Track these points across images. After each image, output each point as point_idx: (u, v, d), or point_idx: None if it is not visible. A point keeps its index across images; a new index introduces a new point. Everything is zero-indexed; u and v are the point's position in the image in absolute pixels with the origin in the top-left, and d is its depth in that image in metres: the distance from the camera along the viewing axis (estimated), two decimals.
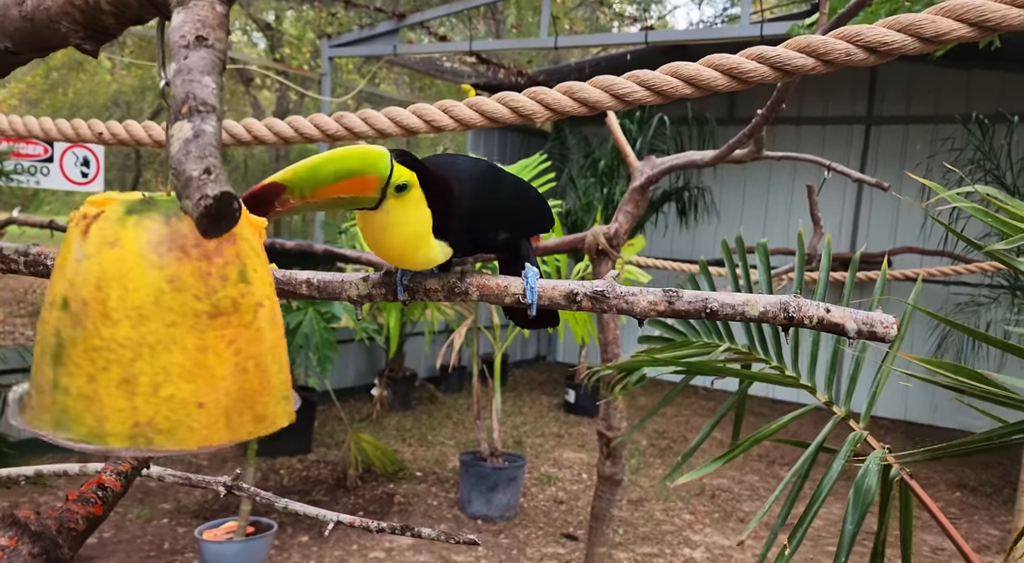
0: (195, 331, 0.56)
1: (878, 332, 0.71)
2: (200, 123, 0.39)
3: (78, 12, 0.47)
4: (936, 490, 5.66)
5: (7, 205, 12.55)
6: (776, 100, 2.74)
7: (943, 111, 7.37)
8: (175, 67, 0.41)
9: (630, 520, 4.74)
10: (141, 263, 0.55)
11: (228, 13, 0.44)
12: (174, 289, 0.55)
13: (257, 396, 0.60)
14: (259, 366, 0.60)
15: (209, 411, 0.57)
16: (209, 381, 0.57)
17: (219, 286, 0.57)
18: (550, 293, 0.86)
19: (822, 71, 1.09)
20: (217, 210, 0.38)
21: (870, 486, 1.48)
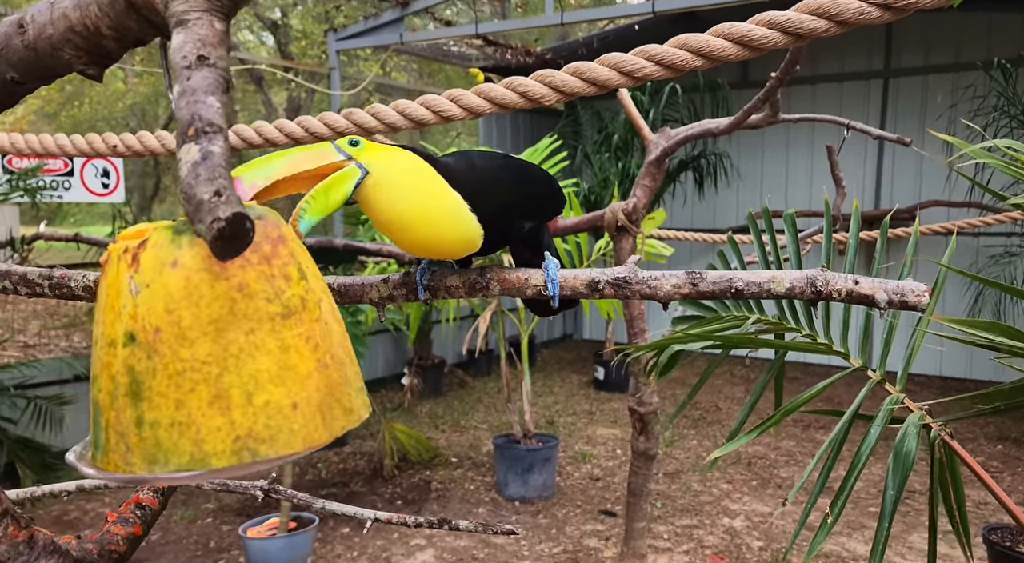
0: (274, 333, 0.56)
1: (910, 301, 0.70)
2: (207, 144, 0.39)
3: (79, 38, 0.47)
4: (977, 444, 5.60)
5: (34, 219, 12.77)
6: (790, 62, 2.69)
7: (964, 58, 7.19)
8: (178, 89, 0.41)
9: (667, 493, 4.74)
10: (207, 277, 0.54)
11: (227, 29, 0.43)
12: (245, 296, 0.55)
13: (341, 388, 0.60)
14: (335, 359, 0.60)
15: (303, 411, 0.57)
16: (298, 380, 0.57)
17: (285, 286, 0.57)
18: (572, 283, 0.85)
19: (835, 33, 1.06)
20: (231, 232, 0.38)
21: (910, 450, 1.46)
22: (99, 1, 0.46)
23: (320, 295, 0.60)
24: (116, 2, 0.46)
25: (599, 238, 4.57)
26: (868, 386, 1.62)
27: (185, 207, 0.39)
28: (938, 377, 7.49)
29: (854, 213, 1.70)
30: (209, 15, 0.42)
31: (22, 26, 0.48)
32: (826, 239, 1.65)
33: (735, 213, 8.46)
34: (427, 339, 7.17)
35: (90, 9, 0.47)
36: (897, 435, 1.50)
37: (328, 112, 1.50)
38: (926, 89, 7.51)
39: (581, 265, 4.51)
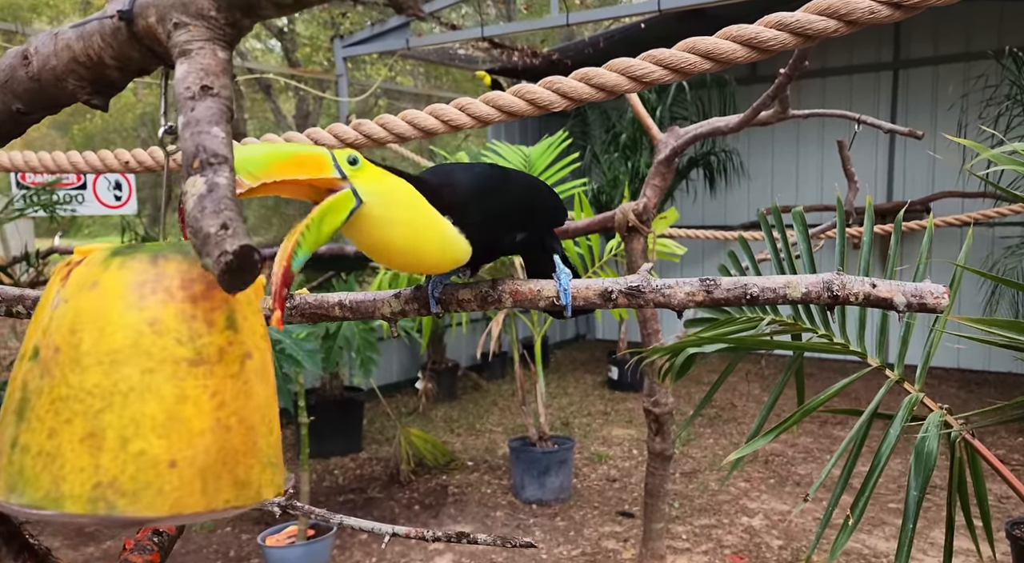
0: (174, 379, 0.51)
1: (929, 303, 0.69)
2: (213, 176, 0.39)
3: (83, 69, 0.47)
4: (997, 436, 5.54)
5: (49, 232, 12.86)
6: (798, 58, 2.67)
7: (974, 48, 7.12)
8: (182, 120, 0.40)
9: (685, 493, 4.72)
10: (120, 305, 0.50)
11: (231, 58, 0.43)
12: (154, 332, 0.50)
13: (240, 458, 0.54)
14: (244, 423, 0.54)
15: (182, 471, 0.51)
16: (185, 436, 0.51)
17: (204, 331, 0.52)
18: (584, 293, 0.84)
19: (844, 33, 1.05)
20: (238, 265, 0.37)
21: (931, 450, 1.44)
22: (102, 31, 0.46)
23: (250, 350, 0.55)
24: (119, 32, 0.46)
25: (610, 239, 4.55)
26: (886, 386, 1.60)
27: (192, 241, 0.39)
28: (956, 370, 7.42)
29: (868, 210, 1.68)
30: (212, 44, 0.42)
31: (26, 57, 0.48)
32: (840, 237, 1.63)
33: (746, 210, 8.42)
34: (440, 343, 7.17)
35: (93, 40, 0.47)
36: (918, 435, 1.49)
37: (337, 124, 1.49)
38: (936, 80, 7.44)
39: (593, 266, 4.50)
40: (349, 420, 5.65)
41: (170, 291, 0.51)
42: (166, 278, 0.51)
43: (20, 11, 11.58)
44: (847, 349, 1.66)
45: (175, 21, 0.42)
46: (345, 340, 4.08)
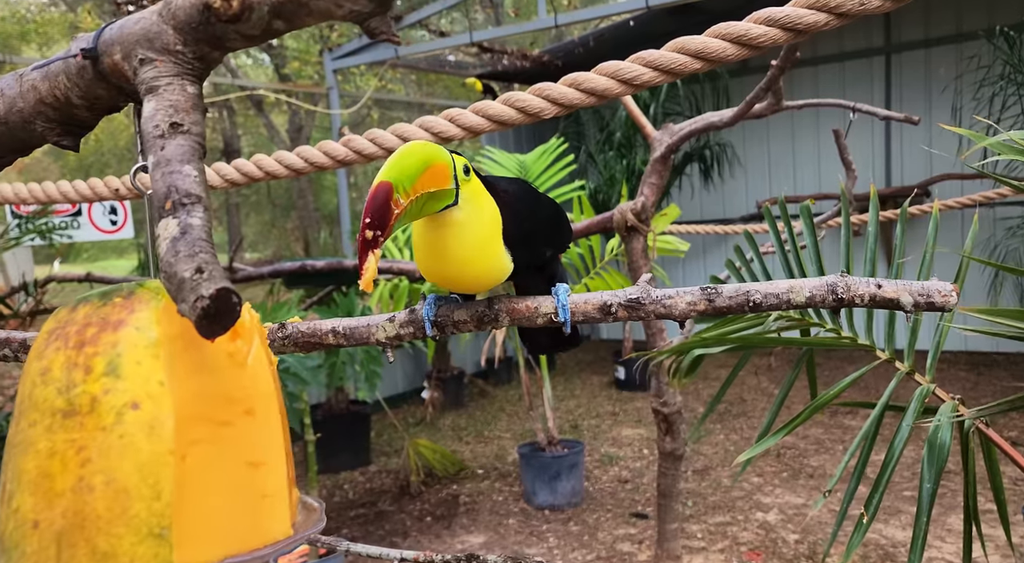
0: (48, 432, 0.47)
1: (937, 302, 0.67)
2: (186, 217, 0.37)
3: (51, 110, 0.45)
4: (1008, 418, 5.51)
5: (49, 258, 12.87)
6: (790, 49, 2.65)
7: (965, 28, 7.10)
8: (152, 160, 0.39)
9: (698, 491, 4.69)
10: (33, 354, 0.49)
11: (201, 92, 0.41)
12: (43, 382, 0.48)
13: (103, 524, 0.47)
14: (113, 485, 0.47)
15: (42, 534, 0.47)
16: (48, 495, 0.47)
17: (79, 379, 0.47)
18: (583, 308, 0.82)
19: (836, 26, 1.03)
20: (216, 309, 0.35)
21: (944, 441, 1.42)
22: (67, 71, 0.45)
23: (136, 400, 0.48)
24: (84, 71, 0.44)
25: (610, 238, 4.53)
26: (896, 378, 1.58)
27: (166, 286, 0.37)
28: (964, 353, 7.39)
29: (872, 199, 1.66)
30: (180, 79, 0.40)
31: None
32: (845, 229, 1.61)
33: (745, 202, 8.40)
34: (445, 351, 7.15)
35: (59, 80, 0.45)
36: (930, 427, 1.47)
37: (328, 141, 1.48)
38: (929, 62, 7.42)
39: (595, 268, 4.48)
40: (357, 434, 5.63)
41: (66, 337, 0.48)
42: (70, 324, 0.49)
43: (8, 39, 11.59)
44: (856, 343, 1.64)
45: (141, 57, 0.41)
46: (348, 355, 4.06)
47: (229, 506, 0.52)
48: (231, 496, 0.52)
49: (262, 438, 0.55)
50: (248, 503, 0.53)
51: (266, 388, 0.55)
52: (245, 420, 0.53)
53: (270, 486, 0.55)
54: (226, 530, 0.51)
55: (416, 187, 0.81)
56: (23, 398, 0.48)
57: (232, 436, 0.52)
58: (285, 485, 0.56)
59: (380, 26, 0.36)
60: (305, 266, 3.69)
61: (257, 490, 0.54)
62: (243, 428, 0.53)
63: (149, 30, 0.40)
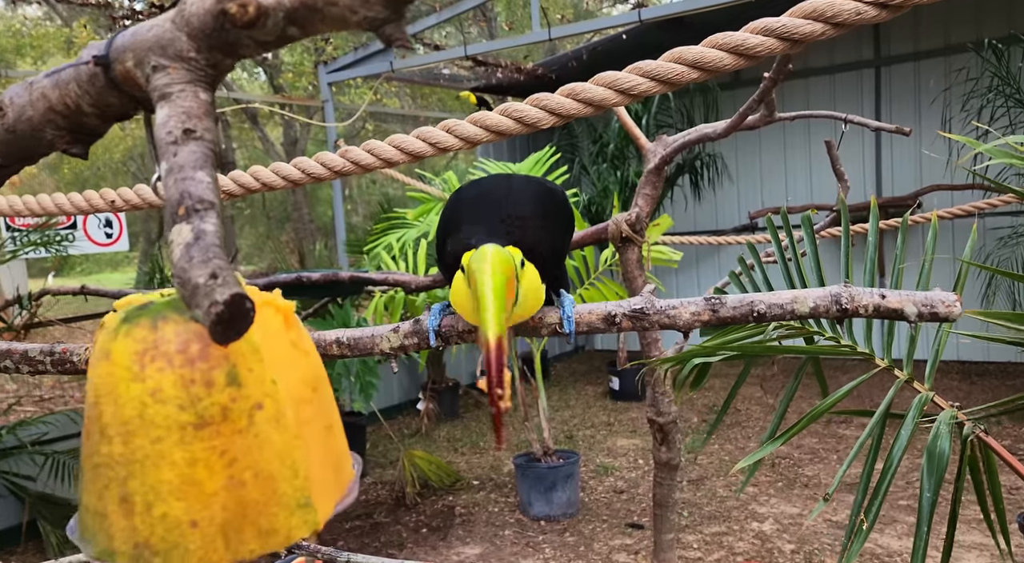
0: (182, 445, 0.52)
1: (940, 312, 0.67)
2: (200, 223, 0.37)
3: (61, 118, 0.46)
4: (1001, 427, 5.52)
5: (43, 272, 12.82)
6: (782, 61, 2.67)
7: (954, 41, 7.17)
8: (165, 166, 0.39)
9: (693, 501, 4.69)
10: (126, 376, 0.53)
11: (213, 99, 0.42)
12: (157, 402, 0.52)
13: (261, 508, 0.55)
14: (260, 475, 0.55)
15: (204, 530, 0.53)
16: (201, 497, 0.53)
17: (203, 394, 0.53)
18: (587, 319, 0.83)
19: (832, 35, 1.04)
20: (230, 315, 0.36)
21: (944, 450, 1.43)
22: (78, 79, 0.45)
23: (259, 401, 0.55)
24: (96, 79, 0.44)
25: (604, 249, 4.54)
26: (896, 386, 1.59)
27: (180, 292, 0.37)
28: (957, 362, 7.42)
29: (872, 210, 1.67)
30: (193, 86, 0.40)
31: (1, 109, 0.47)
32: (844, 241, 1.62)
33: (737, 213, 8.43)
34: (440, 362, 7.14)
35: (69, 87, 0.45)
36: (929, 435, 1.47)
37: (325, 152, 1.48)
38: (918, 75, 7.49)
39: (589, 278, 4.49)
40: (352, 445, 5.55)
41: (168, 357, 0.53)
42: (164, 343, 0.53)
43: (4, 53, 11.59)
44: (855, 351, 1.64)
45: (154, 64, 0.41)
46: (344, 366, 4.05)
47: (326, 465, 0.62)
48: (325, 457, 0.62)
49: (328, 406, 0.65)
50: (333, 459, 0.64)
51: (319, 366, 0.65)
52: (316, 395, 0.62)
53: (340, 443, 0.67)
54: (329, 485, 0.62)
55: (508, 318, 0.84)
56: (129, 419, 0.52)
57: (313, 410, 0.61)
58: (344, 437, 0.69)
59: (395, 32, 0.37)
60: (301, 278, 3.68)
61: (334, 448, 0.65)
62: (317, 401, 0.62)
63: (162, 37, 0.41)
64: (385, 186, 13.22)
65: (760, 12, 1.15)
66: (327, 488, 0.61)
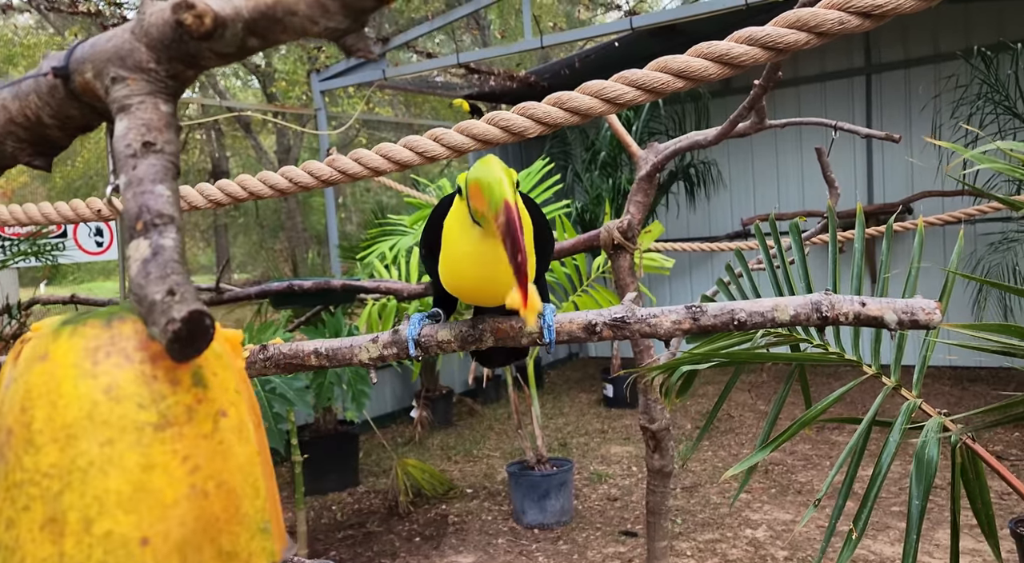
0: (138, 447, 0.46)
1: (920, 320, 0.67)
2: (158, 238, 0.36)
3: (22, 130, 0.45)
4: (994, 432, 5.53)
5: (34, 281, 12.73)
6: (771, 69, 2.68)
7: (943, 49, 7.22)
8: (124, 179, 0.38)
9: (687, 508, 4.67)
10: (73, 373, 0.47)
11: (175, 111, 0.41)
12: (111, 399, 0.46)
13: (223, 526, 0.49)
14: (223, 488, 0.49)
15: (156, 548, 0.46)
16: (156, 509, 0.47)
17: (167, 391, 0.48)
18: (568, 328, 0.82)
19: (816, 44, 1.04)
20: (188, 332, 0.35)
21: (932, 457, 1.42)
22: (38, 90, 0.44)
23: (224, 408, 0.51)
24: (56, 90, 0.43)
25: (596, 256, 4.54)
26: (883, 393, 1.59)
27: (138, 309, 0.36)
28: (949, 368, 7.43)
29: (858, 217, 1.67)
30: (153, 98, 0.39)
31: None
32: (832, 248, 1.62)
33: (730, 219, 8.45)
34: (433, 370, 7.12)
35: (29, 99, 0.44)
36: (917, 442, 1.47)
37: (312, 161, 1.48)
38: (908, 82, 7.53)
39: (581, 285, 4.49)
40: (345, 454, 5.58)
41: (126, 353, 0.47)
42: (121, 340, 0.47)
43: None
44: (842, 358, 1.64)
45: (112, 75, 0.40)
46: (335, 375, 4.03)
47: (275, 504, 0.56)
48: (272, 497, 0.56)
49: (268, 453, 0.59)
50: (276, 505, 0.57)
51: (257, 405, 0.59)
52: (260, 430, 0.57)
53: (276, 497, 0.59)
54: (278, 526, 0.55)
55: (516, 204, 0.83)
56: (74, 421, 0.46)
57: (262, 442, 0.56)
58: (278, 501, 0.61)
59: (356, 43, 0.36)
60: (292, 286, 3.67)
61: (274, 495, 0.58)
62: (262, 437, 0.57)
63: (121, 48, 0.40)
64: (379, 194, 13.22)
65: (752, 20, 1.15)
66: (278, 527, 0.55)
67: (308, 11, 0.34)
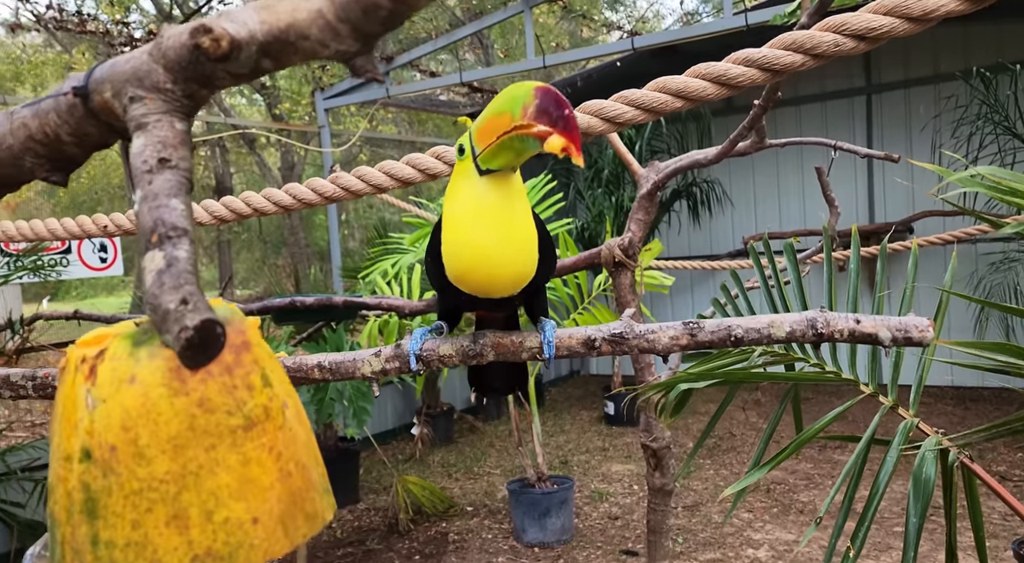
0: (235, 447, 0.55)
1: (914, 337, 0.68)
2: (172, 250, 0.38)
3: (40, 146, 0.47)
4: (997, 453, 5.51)
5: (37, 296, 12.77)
6: (771, 89, 2.71)
7: (943, 70, 7.27)
8: (140, 194, 0.40)
9: (688, 527, 4.65)
10: (166, 394, 0.54)
11: (189, 129, 0.43)
12: (206, 411, 0.54)
13: (305, 494, 0.59)
14: (300, 465, 0.59)
15: (265, 524, 0.56)
16: (259, 493, 0.56)
17: (247, 397, 0.56)
18: (567, 343, 0.83)
19: (812, 66, 1.07)
20: (200, 340, 0.36)
21: (929, 476, 1.43)
22: (57, 109, 0.46)
23: (284, 399, 0.59)
24: (75, 109, 0.45)
25: (598, 274, 4.56)
26: (880, 413, 1.59)
27: (152, 317, 0.38)
28: (951, 388, 7.41)
29: (853, 237, 1.69)
30: (169, 116, 0.41)
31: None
32: (827, 266, 1.64)
33: (731, 238, 8.47)
34: (434, 387, 7.11)
35: (49, 117, 0.46)
36: (915, 461, 1.47)
37: (315, 178, 1.50)
38: (908, 102, 7.58)
39: (583, 303, 4.50)
40: (345, 471, 5.56)
41: (206, 369, 0.54)
42: None
43: (3, 80, 11.67)
44: (839, 377, 1.65)
45: (131, 95, 0.42)
46: (336, 391, 4.04)
47: None
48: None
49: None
50: None
51: None
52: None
53: None
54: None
55: None
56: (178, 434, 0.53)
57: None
58: None
59: (365, 65, 0.38)
60: (295, 302, 3.68)
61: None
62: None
63: (139, 69, 0.42)
64: (382, 210, 13.28)
65: (753, 41, 1.17)
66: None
67: (320, 35, 0.36)
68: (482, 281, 0.90)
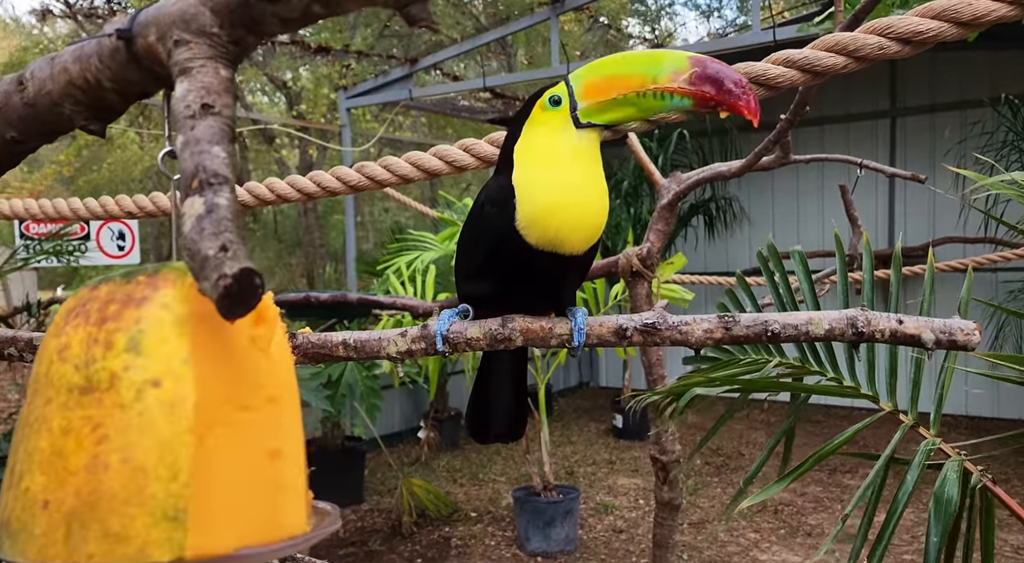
0: (64, 409, 0.46)
1: (959, 340, 0.66)
2: (213, 197, 0.36)
3: (80, 93, 0.46)
4: (1010, 486, 5.41)
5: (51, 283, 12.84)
6: (799, 103, 2.69)
7: (970, 96, 7.21)
8: (182, 139, 0.38)
9: (694, 544, 4.60)
10: (53, 331, 0.49)
11: (234, 77, 0.41)
12: (61, 359, 0.47)
13: (116, 505, 0.45)
14: (128, 464, 0.45)
15: (51, 515, 0.45)
16: (60, 474, 0.45)
17: (99, 355, 0.46)
18: (598, 331, 0.81)
19: (854, 68, 1.05)
20: (239, 288, 0.35)
21: (951, 496, 1.39)
22: (100, 53, 0.45)
23: (157, 378, 0.47)
24: (117, 53, 0.44)
25: (614, 284, 4.53)
26: (901, 430, 1.56)
27: (189, 264, 0.36)
28: (965, 417, 7.32)
29: (865, 247, 1.66)
30: (214, 62, 0.40)
31: (22, 83, 0.47)
32: (841, 280, 1.61)
33: (748, 255, 8.43)
34: (443, 392, 7.09)
35: (91, 62, 0.45)
36: (937, 481, 1.44)
37: (340, 166, 1.49)
38: (934, 127, 7.52)
39: (599, 312, 4.47)
40: (350, 471, 5.55)
41: (87, 314, 0.47)
42: (92, 301, 0.48)
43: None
44: (858, 392, 1.62)
45: (176, 38, 0.41)
46: (348, 388, 4.02)
47: (246, 494, 0.50)
48: (249, 484, 0.50)
49: (283, 428, 0.53)
50: (266, 493, 0.51)
51: (288, 378, 0.54)
52: (267, 407, 0.51)
53: (288, 478, 0.53)
54: (242, 519, 0.49)
55: None
56: (39, 376, 0.47)
57: (253, 422, 0.50)
58: (303, 479, 0.56)
59: (419, 13, 0.37)
60: (309, 298, 3.67)
61: (275, 481, 0.52)
62: (265, 415, 0.51)
63: (186, 11, 0.41)
64: (397, 214, 13.31)
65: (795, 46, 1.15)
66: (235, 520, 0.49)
67: None
68: (569, 221, 0.89)
